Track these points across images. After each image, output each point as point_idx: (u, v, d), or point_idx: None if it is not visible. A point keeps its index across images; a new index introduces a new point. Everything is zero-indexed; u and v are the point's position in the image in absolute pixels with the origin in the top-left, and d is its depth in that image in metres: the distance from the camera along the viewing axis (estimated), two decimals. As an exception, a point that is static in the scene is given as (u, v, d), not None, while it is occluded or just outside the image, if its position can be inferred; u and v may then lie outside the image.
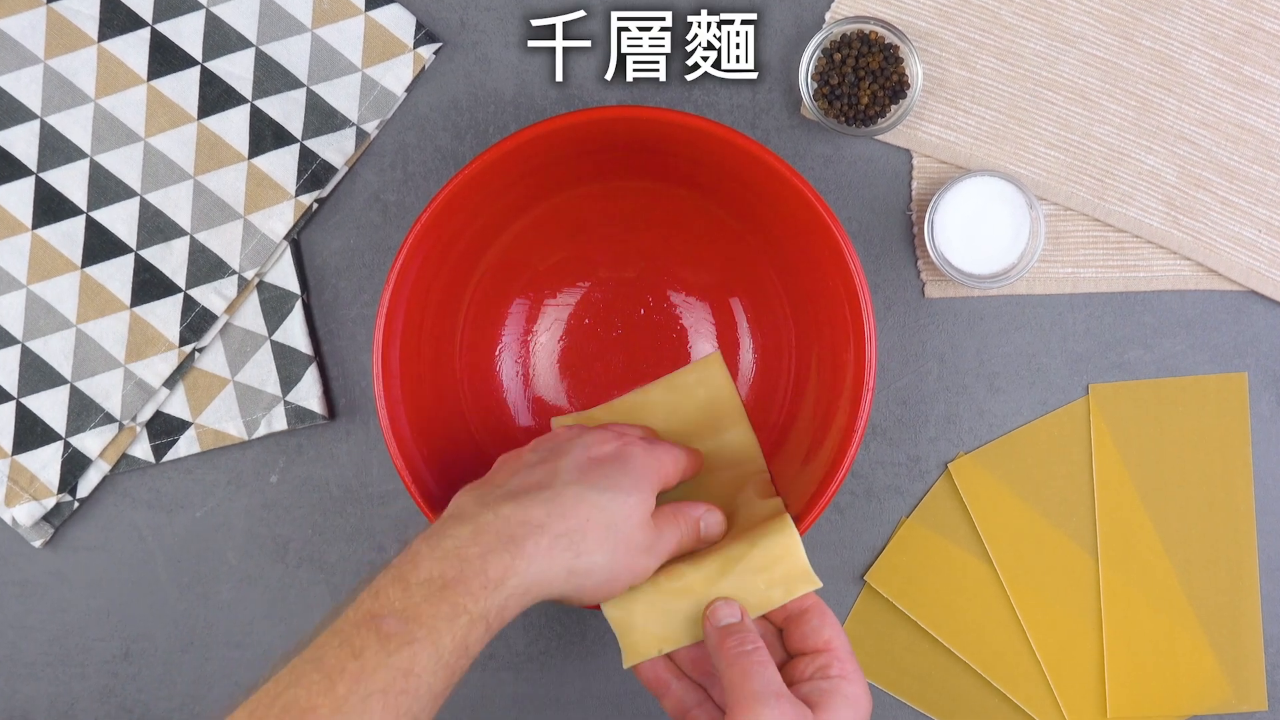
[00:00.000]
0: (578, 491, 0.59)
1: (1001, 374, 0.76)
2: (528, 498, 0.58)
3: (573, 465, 0.61)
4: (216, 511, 0.76)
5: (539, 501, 0.58)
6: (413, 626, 0.53)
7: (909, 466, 0.76)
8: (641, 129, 0.67)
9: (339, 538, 0.76)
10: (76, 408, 0.74)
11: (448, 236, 0.69)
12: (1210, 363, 0.76)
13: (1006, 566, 0.75)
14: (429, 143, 0.76)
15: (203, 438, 0.75)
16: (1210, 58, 0.75)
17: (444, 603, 0.54)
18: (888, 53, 0.73)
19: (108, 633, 0.76)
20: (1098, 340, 0.76)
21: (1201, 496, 0.75)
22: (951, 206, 0.72)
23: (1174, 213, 0.75)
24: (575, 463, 0.61)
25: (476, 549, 0.56)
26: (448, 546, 0.56)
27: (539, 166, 0.69)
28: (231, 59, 0.75)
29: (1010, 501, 0.75)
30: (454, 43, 0.76)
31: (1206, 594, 0.75)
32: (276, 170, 0.75)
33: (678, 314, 0.75)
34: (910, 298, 0.76)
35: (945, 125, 0.75)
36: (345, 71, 0.75)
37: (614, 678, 0.76)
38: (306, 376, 0.75)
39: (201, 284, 0.75)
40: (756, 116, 0.76)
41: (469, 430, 0.73)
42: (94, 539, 0.76)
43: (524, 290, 0.75)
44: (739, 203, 0.71)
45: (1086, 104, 0.75)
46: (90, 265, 0.74)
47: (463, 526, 0.57)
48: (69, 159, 0.75)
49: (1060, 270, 0.75)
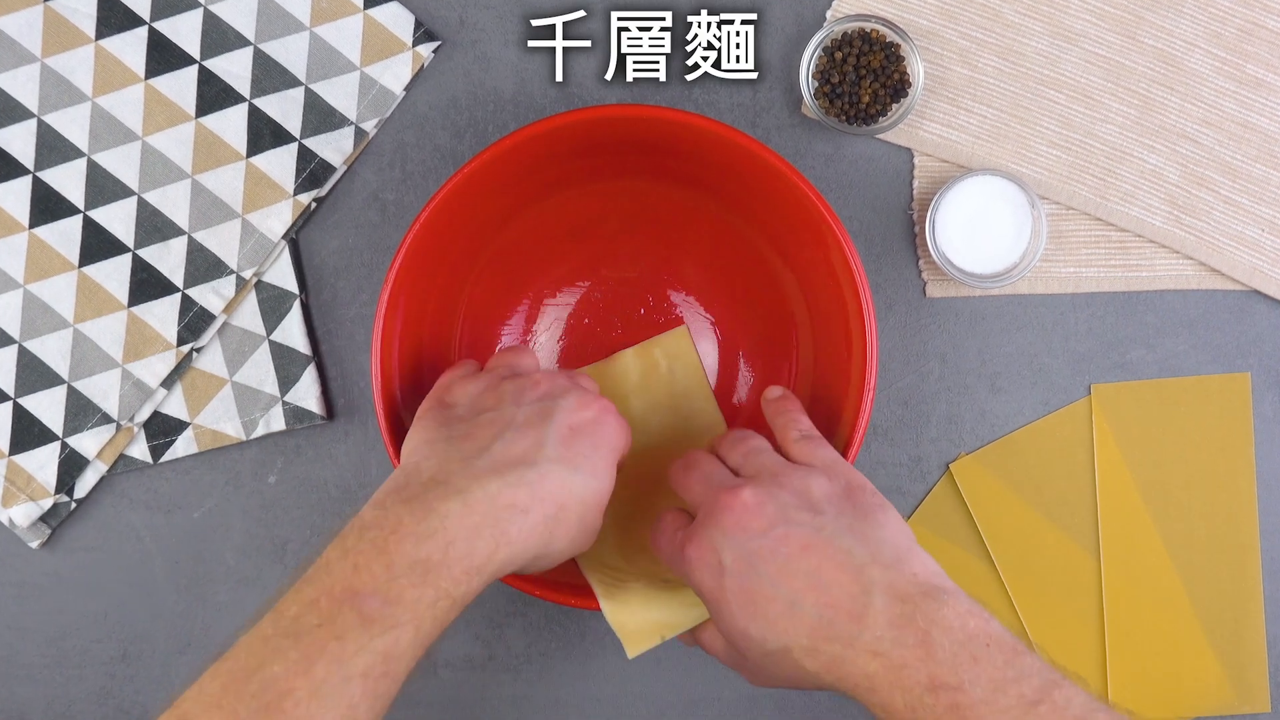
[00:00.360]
0: (560, 474, 0.58)
1: (1003, 374, 0.76)
2: (514, 474, 0.57)
3: (556, 437, 0.59)
4: (214, 512, 0.76)
5: (525, 482, 0.57)
6: (397, 610, 0.52)
7: (910, 467, 0.76)
8: (642, 128, 0.67)
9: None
10: (74, 408, 0.74)
11: (447, 236, 0.69)
12: (1213, 363, 0.75)
13: (1008, 567, 0.75)
14: (428, 142, 0.76)
15: (200, 438, 0.75)
16: (1213, 56, 0.74)
17: (428, 586, 0.53)
18: (889, 51, 0.73)
19: (105, 634, 0.76)
20: (1100, 340, 0.76)
21: (1204, 497, 0.75)
22: (953, 206, 0.72)
23: (1176, 212, 0.75)
24: (558, 433, 0.59)
25: (464, 531, 0.55)
26: (434, 524, 0.55)
27: (539, 166, 0.69)
28: (230, 57, 0.74)
29: (1012, 502, 0.75)
30: (453, 41, 0.76)
31: (1209, 595, 0.75)
32: (275, 169, 0.74)
33: (678, 314, 0.75)
34: (911, 297, 0.76)
35: (947, 124, 0.75)
36: (344, 70, 0.75)
37: (613, 680, 0.76)
38: (305, 376, 0.75)
39: (199, 284, 0.74)
40: (757, 115, 0.75)
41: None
42: (91, 540, 0.76)
43: (523, 290, 0.74)
44: (739, 202, 0.71)
45: (1089, 103, 0.75)
46: (87, 265, 0.74)
47: (450, 502, 0.55)
48: (66, 158, 0.74)
49: (1062, 270, 0.75)
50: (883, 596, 0.55)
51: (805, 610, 0.55)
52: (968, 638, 0.53)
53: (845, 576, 0.55)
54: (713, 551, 0.58)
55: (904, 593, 0.55)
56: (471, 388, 0.64)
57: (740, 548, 0.57)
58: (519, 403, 0.61)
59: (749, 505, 0.58)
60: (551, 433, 0.59)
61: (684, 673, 0.76)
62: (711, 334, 0.75)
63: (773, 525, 0.57)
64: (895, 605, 0.54)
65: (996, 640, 0.54)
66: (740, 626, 0.57)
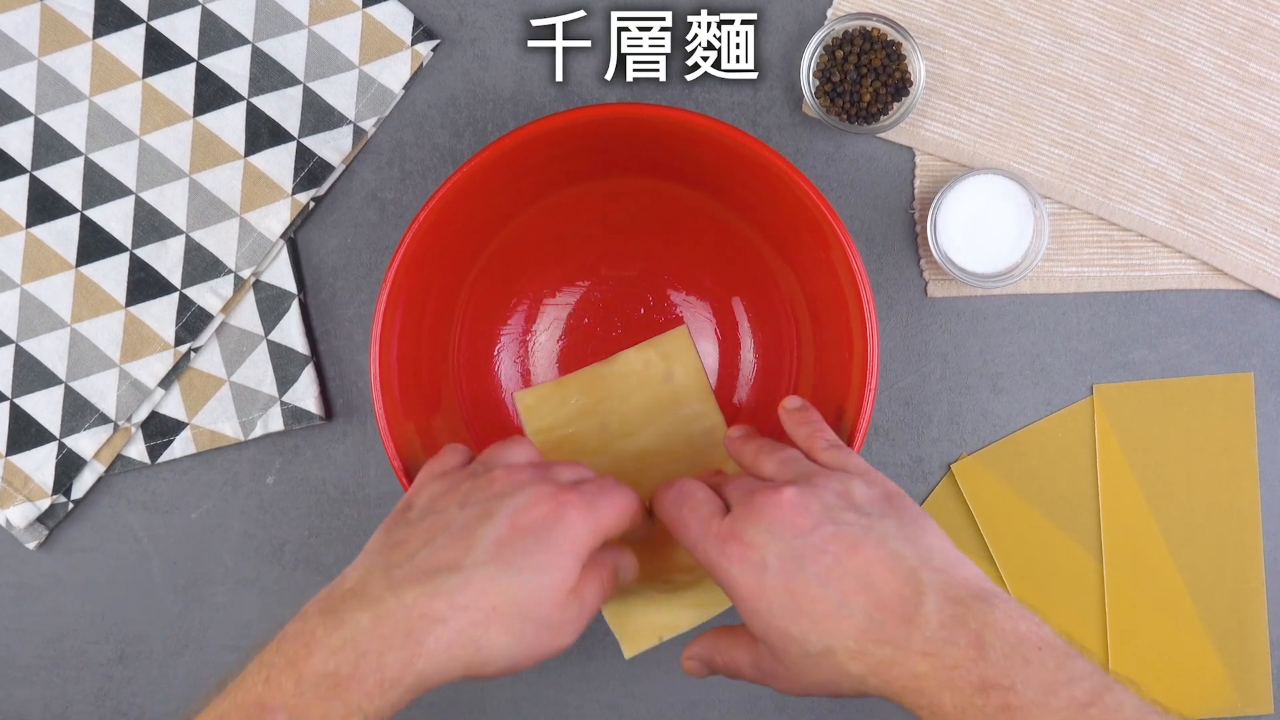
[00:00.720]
0: (488, 574, 0.55)
1: (1005, 374, 0.75)
2: (433, 583, 0.55)
3: (491, 539, 0.56)
4: (212, 513, 0.76)
5: (444, 590, 0.54)
6: None
7: (912, 467, 0.75)
8: (642, 126, 0.67)
9: (336, 539, 0.76)
10: (71, 408, 0.74)
11: (446, 235, 0.68)
12: (1216, 363, 0.75)
13: (1010, 568, 0.75)
14: (427, 141, 0.76)
15: (198, 438, 0.75)
16: (1216, 54, 0.74)
17: (337, 700, 0.52)
18: (890, 50, 0.73)
19: (102, 635, 0.76)
20: (1102, 340, 0.75)
21: (1207, 498, 0.75)
22: (954, 205, 0.72)
23: (1179, 211, 0.74)
24: (495, 535, 0.56)
25: (375, 643, 0.53)
26: (345, 635, 0.53)
27: (538, 165, 0.69)
28: (228, 56, 0.74)
29: (1014, 503, 0.75)
30: (452, 40, 0.76)
31: (1212, 596, 0.75)
32: (273, 168, 0.74)
33: (678, 314, 0.74)
34: (913, 297, 0.75)
35: (948, 123, 0.75)
36: (342, 69, 0.74)
37: (613, 681, 0.76)
38: (303, 376, 0.74)
39: (197, 283, 0.74)
40: (758, 114, 0.75)
41: (468, 431, 0.72)
42: (89, 541, 0.76)
43: (523, 289, 0.74)
44: (740, 201, 0.71)
45: (1091, 101, 0.74)
46: (85, 264, 0.74)
47: (362, 613, 0.54)
48: (63, 157, 0.74)
49: (1064, 269, 0.75)
50: (935, 598, 0.54)
51: (854, 611, 0.55)
52: (1019, 640, 0.53)
53: (895, 579, 0.55)
54: (755, 548, 0.57)
55: (956, 595, 0.54)
56: (435, 488, 0.61)
57: (786, 545, 0.56)
58: (465, 504, 0.58)
59: (794, 503, 0.57)
60: (487, 534, 0.56)
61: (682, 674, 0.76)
62: (712, 334, 0.75)
63: (819, 524, 0.57)
64: (947, 607, 0.54)
65: (1048, 644, 0.54)
66: (780, 625, 0.56)
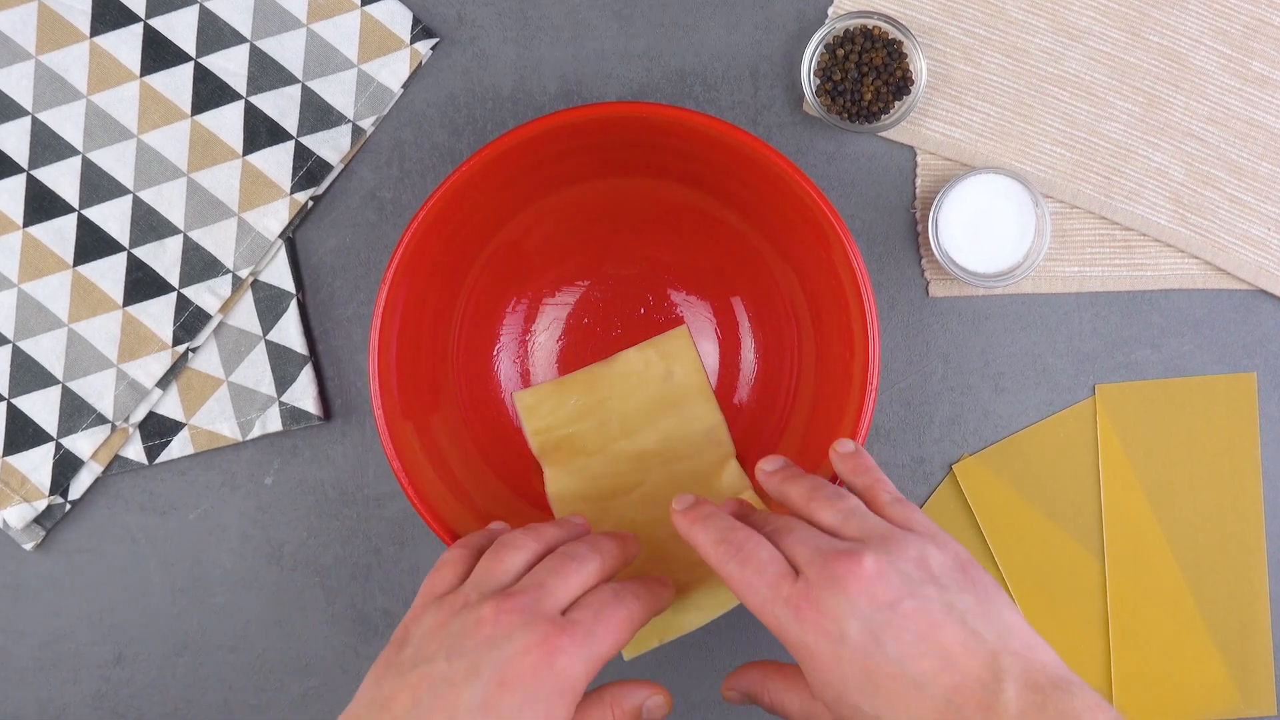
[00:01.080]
0: None
1: (1007, 374, 0.75)
2: None
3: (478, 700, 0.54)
4: (210, 514, 0.76)
5: None
6: None
7: (913, 468, 0.75)
8: (642, 125, 0.67)
9: (335, 540, 0.75)
10: (68, 408, 0.74)
11: (445, 235, 0.68)
12: (1218, 363, 0.75)
13: (1012, 569, 0.75)
14: (426, 139, 0.75)
15: (196, 439, 0.74)
16: (1218, 53, 0.74)
17: None
18: (891, 48, 0.73)
19: (100, 637, 0.76)
20: (1104, 340, 0.75)
21: (1209, 498, 0.75)
22: (956, 204, 0.72)
23: (1182, 210, 0.74)
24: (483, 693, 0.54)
25: None
26: None
27: (538, 164, 0.69)
28: (226, 54, 0.74)
29: (1015, 503, 0.75)
30: (451, 38, 0.75)
31: (1214, 597, 0.74)
32: (271, 167, 0.74)
33: (678, 313, 0.74)
34: (914, 297, 0.75)
35: (950, 122, 0.75)
36: (341, 67, 0.74)
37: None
38: (302, 377, 0.74)
39: (195, 283, 0.74)
40: (758, 113, 0.75)
41: (467, 430, 0.72)
42: (86, 541, 0.76)
43: (522, 289, 0.74)
44: (740, 200, 0.70)
45: (1093, 100, 0.74)
46: (82, 264, 0.74)
47: None
48: (60, 156, 0.74)
49: (1066, 269, 0.75)
50: (1014, 685, 0.53)
51: (932, 693, 0.53)
52: None
53: (976, 661, 0.54)
54: (834, 619, 0.55)
55: (1035, 682, 0.53)
56: (428, 621, 0.59)
57: (868, 620, 0.54)
58: (453, 654, 0.56)
59: (874, 574, 0.55)
60: (474, 696, 0.54)
61: (685, 675, 0.76)
62: (712, 334, 0.74)
63: (901, 598, 0.55)
64: (1026, 695, 0.52)
65: None
66: (853, 701, 0.55)
